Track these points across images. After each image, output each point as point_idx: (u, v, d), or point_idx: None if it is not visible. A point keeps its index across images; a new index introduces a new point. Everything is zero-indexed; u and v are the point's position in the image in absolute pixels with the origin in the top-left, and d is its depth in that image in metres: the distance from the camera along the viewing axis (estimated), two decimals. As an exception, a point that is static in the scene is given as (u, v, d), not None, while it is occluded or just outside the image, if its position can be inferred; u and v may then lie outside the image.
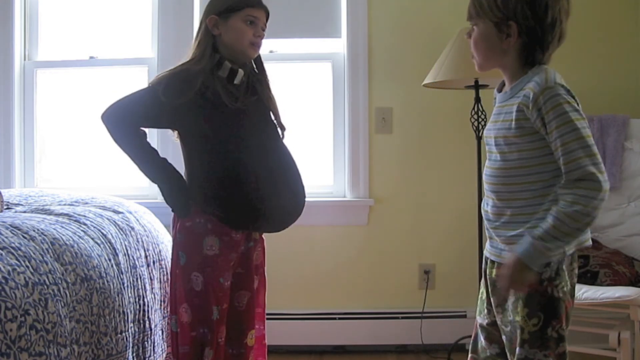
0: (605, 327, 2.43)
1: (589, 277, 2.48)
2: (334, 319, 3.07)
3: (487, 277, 1.65)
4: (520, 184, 1.52)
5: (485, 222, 1.65)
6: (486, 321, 1.67)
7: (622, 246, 2.69)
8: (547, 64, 1.57)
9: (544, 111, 1.44)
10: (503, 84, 1.63)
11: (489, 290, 1.64)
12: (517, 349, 1.53)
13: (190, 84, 1.78)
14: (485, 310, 1.66)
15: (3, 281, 1.38)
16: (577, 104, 1.47)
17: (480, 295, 1.70)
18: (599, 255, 2.57)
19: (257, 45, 1.90)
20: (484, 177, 1.64)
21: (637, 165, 2.74)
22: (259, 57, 1.97)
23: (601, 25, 3.08)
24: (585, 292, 2.32)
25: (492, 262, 1.62)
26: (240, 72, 1.86)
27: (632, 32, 3.08)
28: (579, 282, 2.45)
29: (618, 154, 2.74)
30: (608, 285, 2.42)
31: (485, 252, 1.67)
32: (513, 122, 1.50)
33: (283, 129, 1.97)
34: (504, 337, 1.60)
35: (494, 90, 1.68)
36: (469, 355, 1.73)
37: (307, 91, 3.22)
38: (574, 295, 1.56)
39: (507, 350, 1.60)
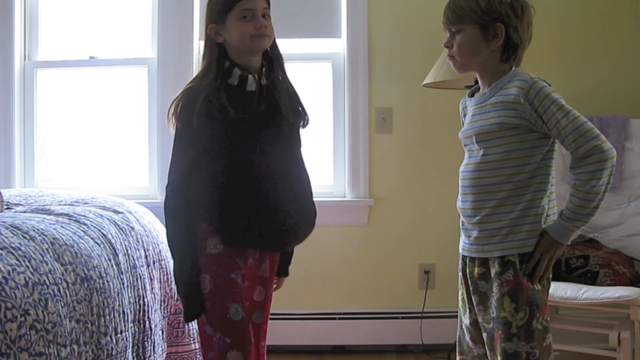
0: (605, 327, 2.43)
1: (589, 277, 2.48)
2: (334, 319, 3.07)
3: (468, 275, 1.68)
4: (504, 176, 1.59)
5: (462, 220, 1.70)
6: (469, 320, 1.70)
7: (622, 246, 2.69)
8: (519, 66, 1.69)
9: (537, 103, 1.55)
10: (474, 90, 1.73)
11: (470, 288, 1.68)
12: (505, 343, 1.57)
13: (193, 103, 1.68)
14: (467, 310, 1.70)
15: (3, 281, 1.38)
16: None
17: (460, 296, 1.74)
18: (599, 255, 2.56)
19: (262, 36, 1.73)
20: (460, 175, 1.70)
21: (637, 165, 2.74)
22: (274, 50, 1.81)
23: (601, 26, 3.08)
24: (585, 292, 2.31)
25: (472, 259, 1.67)
26: (250, 78, 1.73)
27: (632, 32, 3.08)
28: (579, 282, 2.46)
29: (618, 154, 2.72)
30: (608, 285, 2.42)
31: (462, 251, 1.71)
32: (499, 118, 1.59)
33: (304, 122, 1.84)
34: (484, 335, 1.64)
35: (465, 98, 1.77)
36: (457, 356, 1.76)
37: (307, 91, 3.21)
38: (549, 288, 1.64)
39: (487, 347, 1.64)
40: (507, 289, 1.57)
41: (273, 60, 1.80)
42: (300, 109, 1.84)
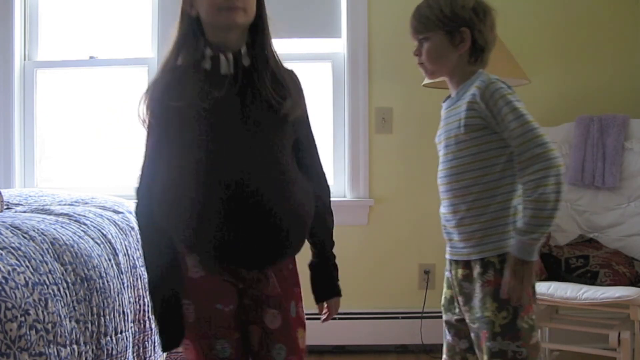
0: (605, 327, 2.43)
1: (589, 277, 2.48)
2: (334, 318, 3.06)
3: (453, 278, 1.72)
4: (472, 179, 1.61)
5: (443, 225, 1.74)
6: (455, 317, 1.73)
7: (622, 246, 2.69)
8: (485, 67, 1.70)
9: (492, 103, 1.55)
10: (449, 96, 1.76)
11: (456, 290, 1.70)
12: (490, 342, 1.58)
13: (149, 98, 1.49)
14: (456, 309, 1.72)
15: (3, 281, 1.38)
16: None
17: (443, 295, 1.77)
18: (599, 255, 2.56)
19: (231, 9, 1.42)
20: (438, 181, 1.73)
21: (637, 165, 2.74)
22: (261, 25, 1.52)
23: (601, 26, 3.08)
24: (585, 292, 2.31)
25: (456, 262, 1.70)
26: (222, 58, 1.45)
27: (632, 32, 3.08)
28: (579, 282, 2.46)
29: (618, 154, 2.74)
30: (608, 285, 2.42)
31: (447, 255, 1.75)
32: (462, 121, 1.61)
33: (292, 112, 1.51)
34: (472, 334, 1.66)
35: (442, 104, 1.80)
36: (443, 356, 1.79)
37: (307, 91, 3.21)
38: (534, 286, 1.64)
39: (475, 347, 1.66)
40: (489, 289, 1.59)
41: (256, 37, 1.51)
42: (289, 96, 1.52)
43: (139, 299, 2.01)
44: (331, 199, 1.69)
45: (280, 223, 1.44)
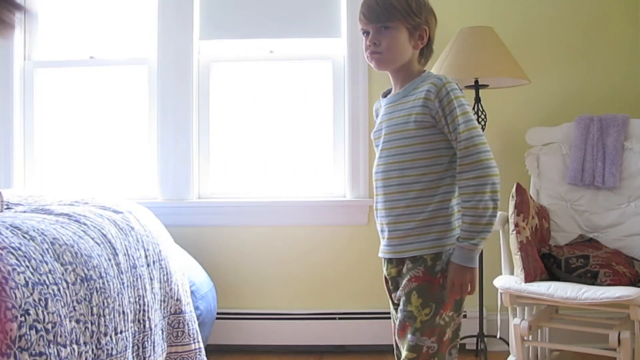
0: (605, 327, 2.43)
1: (589, 277, 2.48)
2: (334, 319, 3.07)
3: (388, 276, 1.74)
4: (415, 176, 1.61)
5: (378, 222, 1.72)
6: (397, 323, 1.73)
7: (622, 246, 2.69)
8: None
9: (446, 102, 1.56)
10: (387, 92, 1.75)
11: (391, 287, 1.74)
12: (409, 335, 1.61)
13: None
14: (395, 313, 1.73)
15: (3, 281, 1.38)
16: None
17: (390, 301, 1.78)
18: (599, 255, 2.56)
19: None
20: (374, 175, 1.71)
21: (637, 165, 2.74)
22: None
23: (601, 26, 3.08)
24: (585, 292, 2.31)
25: (390, 260, 1.72)
26: None
27: (632, 32, 3.08)
28: (579, 282, 2.46)
29: (618, 154, 2.74)
30: (608, 285, 2.42)
31: (380, 253, 1.75)
32: (413, 117, 1.60)
33: None
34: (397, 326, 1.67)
35: (379, 100, 1.77)
36: None
37: (307, 91, 3.22)
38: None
39: (395, 335, 1.68)
40: (416, 285, 1.61)
41: None
42: None
43: (139, 299, 2.01)
44: None
45: None
